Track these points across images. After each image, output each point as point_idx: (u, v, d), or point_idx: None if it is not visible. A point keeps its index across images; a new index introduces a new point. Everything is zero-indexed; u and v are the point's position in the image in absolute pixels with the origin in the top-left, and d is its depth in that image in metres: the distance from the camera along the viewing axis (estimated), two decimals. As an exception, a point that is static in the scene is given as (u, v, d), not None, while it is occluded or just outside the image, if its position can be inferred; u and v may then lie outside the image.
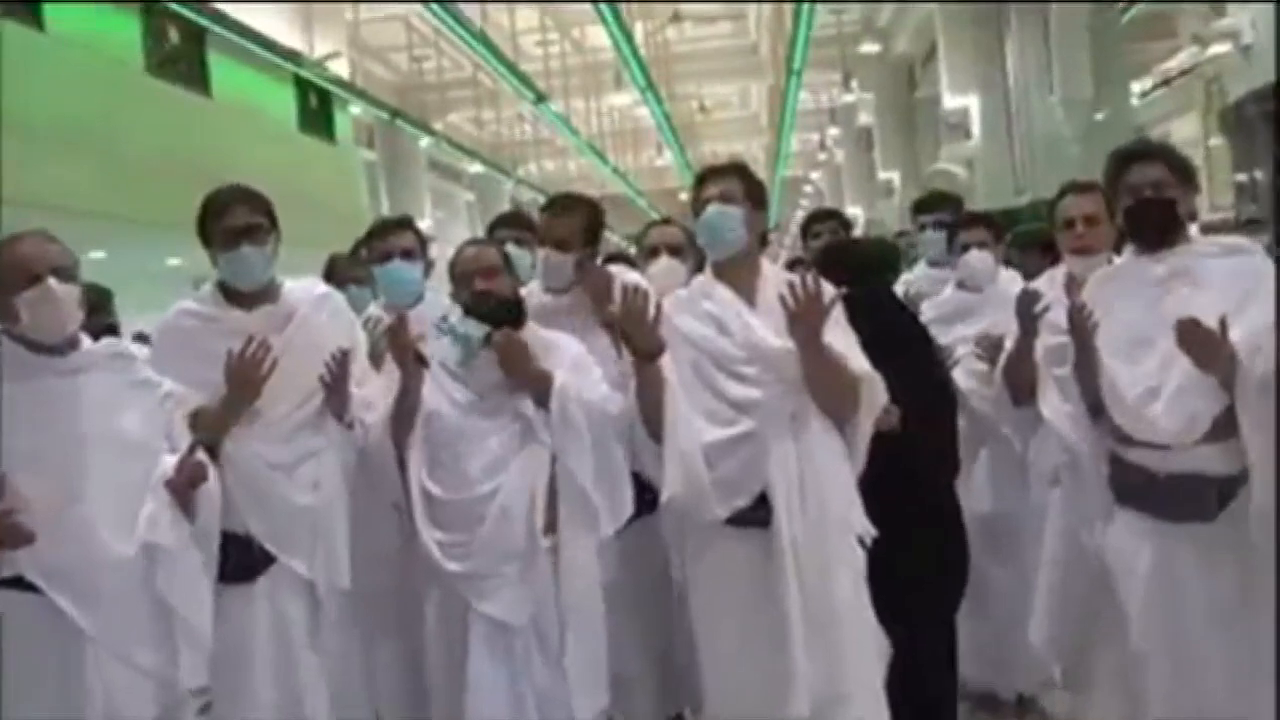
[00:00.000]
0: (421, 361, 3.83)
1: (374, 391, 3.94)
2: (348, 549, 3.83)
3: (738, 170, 3.94)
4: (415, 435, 3.83)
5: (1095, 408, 3.70)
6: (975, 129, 19.39)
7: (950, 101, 19.77)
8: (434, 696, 3.87)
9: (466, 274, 3.95)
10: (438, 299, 4.59)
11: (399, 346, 3.82)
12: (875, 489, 3.77)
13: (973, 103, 19.35)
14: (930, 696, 4.25)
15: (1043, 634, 4.08)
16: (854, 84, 26.19)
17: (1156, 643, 3.54)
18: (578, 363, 3.91)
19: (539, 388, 3.81)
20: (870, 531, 3.72)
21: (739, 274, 3.85)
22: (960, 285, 5.23)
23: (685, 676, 4.17)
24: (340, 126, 20.27)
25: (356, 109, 20.85)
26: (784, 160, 31.99)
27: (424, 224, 16.47)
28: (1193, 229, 3.89)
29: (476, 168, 27.38)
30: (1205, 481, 3.48)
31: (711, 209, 3.81)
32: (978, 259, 5.13)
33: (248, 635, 3.70)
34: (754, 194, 3.88)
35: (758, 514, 3.65)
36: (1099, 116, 17.38)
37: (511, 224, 5.15)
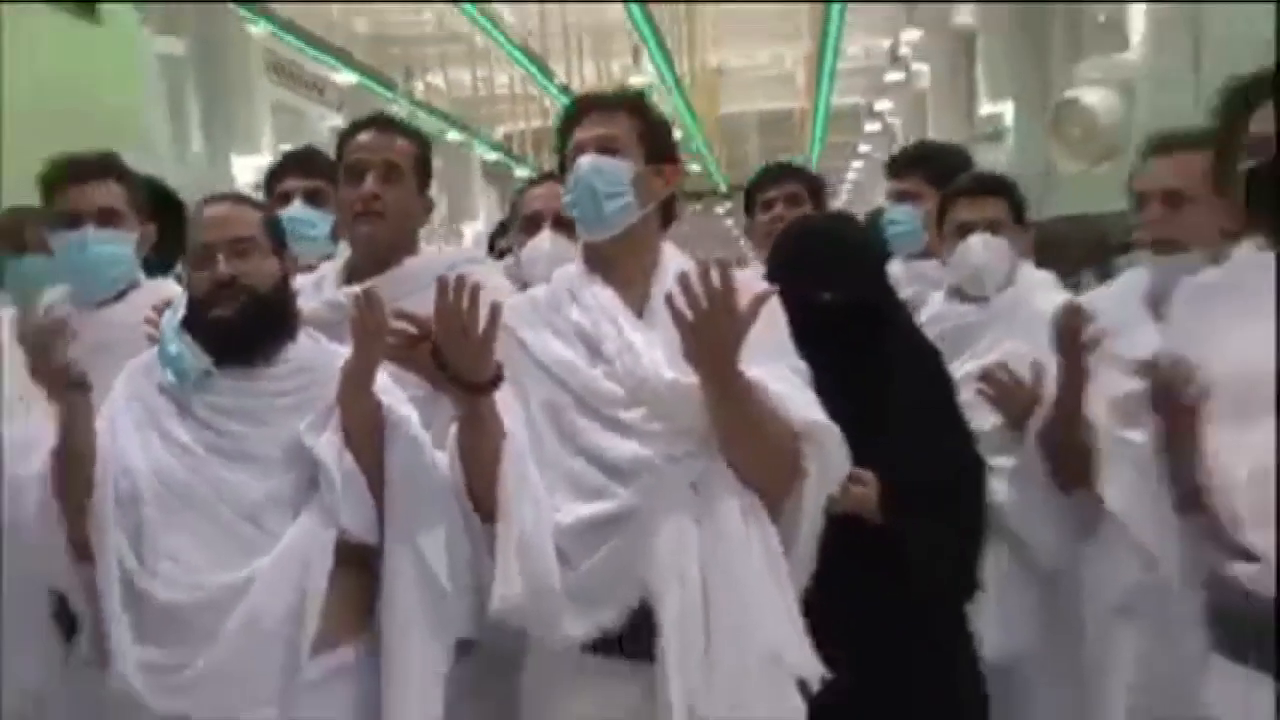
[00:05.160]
0: (80, 386, 2.64)
1: (36, 431, 2.76)
2: None
3: (629, 103, 2.78)
4: (101, 496, 2.65)
5: (1189, 498, 2.42)
6: (1136, 34, 12.01)
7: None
8: None
9: (206, 250, 2.71)
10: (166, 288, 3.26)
11: (43, 363, 2.63)
12: (837, 611, 2.50)
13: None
14: None
15: None
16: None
17: None
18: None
19: (361, 417, 2.67)
20: (818, 672, 2.49)
21: (625, 266, 2.71)
22: (956, 293, 3.55)
23: None
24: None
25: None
26: (829, 78, 19.11)
27: (260, 161, 12.14)
28: None
29: (346, 77, 17.19)
30: None
31: (585, 162, 2.68)
32: (981, 249, 3.43)
33: None
34: (653, 139, 2.74)
35: (637, 640, 2.48)
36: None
37: (303, 168, 3.90)
